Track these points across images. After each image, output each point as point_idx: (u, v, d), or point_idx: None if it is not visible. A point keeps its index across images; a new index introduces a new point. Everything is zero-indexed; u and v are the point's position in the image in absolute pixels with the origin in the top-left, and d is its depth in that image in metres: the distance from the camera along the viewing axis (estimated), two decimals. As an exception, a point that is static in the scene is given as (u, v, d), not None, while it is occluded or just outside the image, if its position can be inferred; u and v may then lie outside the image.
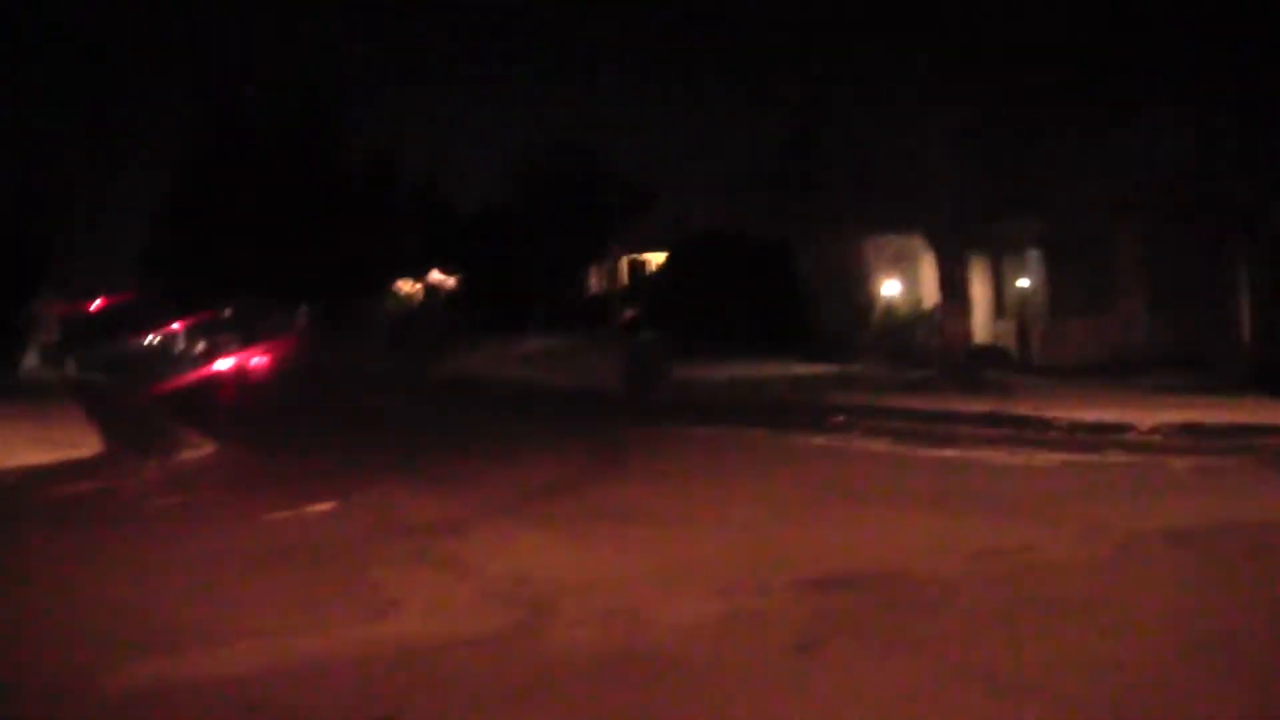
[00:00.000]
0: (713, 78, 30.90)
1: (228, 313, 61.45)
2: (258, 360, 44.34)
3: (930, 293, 32.33)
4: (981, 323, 32.42)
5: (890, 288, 36.12)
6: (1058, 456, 14.89)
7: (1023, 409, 19.09)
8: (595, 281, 57.12)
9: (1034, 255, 31.86)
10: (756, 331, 36.54)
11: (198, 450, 18.17)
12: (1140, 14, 24.95)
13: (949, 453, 15.68)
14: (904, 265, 35.57)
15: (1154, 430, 16.19)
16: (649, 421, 21.89)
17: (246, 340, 47.62)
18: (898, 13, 26.30)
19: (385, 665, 6.84)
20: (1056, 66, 25.41)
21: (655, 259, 50.42)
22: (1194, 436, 15.74)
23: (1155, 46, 24.67)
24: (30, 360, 44.67)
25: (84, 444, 18.26)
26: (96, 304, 63.46)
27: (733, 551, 9.65)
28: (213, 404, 31.51)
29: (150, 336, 58.38)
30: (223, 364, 43.67)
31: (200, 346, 48.36)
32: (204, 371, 43.27)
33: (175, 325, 59.19)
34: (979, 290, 32.23)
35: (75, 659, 7.22)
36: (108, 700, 6.53)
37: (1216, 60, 23.96)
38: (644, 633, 7.27)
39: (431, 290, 62.77)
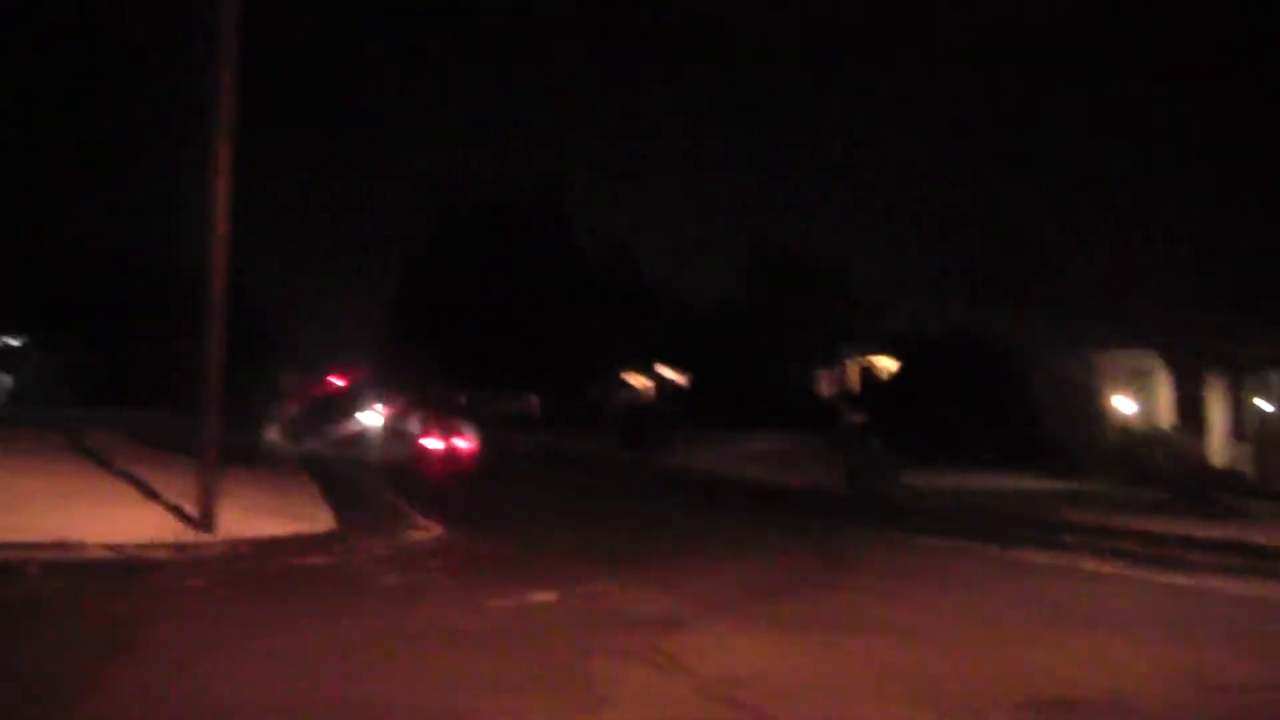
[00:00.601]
0: (950, 185, 30.73)
1: (461, 397, 63.05)
2: (469, 444, 45.03)
3: (1165, 410, 31.54)
4: (1219, 445, 31.43)
5: (1125, 404, 35.30)
6: (1298, 589, 14.36)
7: (1260, 537, 18.46)
8: (824, 383, 56.98)
9: (1275, 376, 30.84)
10: (985, 441, 36.04)
11: (425, 532, 18.57)
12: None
13: (1181, 579, 15.20)
14: (1139, 381, 34.74)
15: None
16: (874, 527, 21.71)
17: (466, 422, 48.47)
18: (1138, 128, 25.86)
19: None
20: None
21: (884, 363, 50.16)
22: None
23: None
24: (271, 433, 46.37)
25: (319, 518, 18.82)
26: (337, 382, 65.59)
27: (950, 667, 9.51)
28: (440, 484, 32.17)
29: (374, 414, 60.26)
30: (441, 444, 44.48)
31: (421, 426, 49.42)
32: (425, 450, 44.14)
33: (402, 404, 60.82)
34: (1216, 411, 31.28)
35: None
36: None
37: None
38: (857, 746, 7.22)
39: (661, 383, 63.31)
